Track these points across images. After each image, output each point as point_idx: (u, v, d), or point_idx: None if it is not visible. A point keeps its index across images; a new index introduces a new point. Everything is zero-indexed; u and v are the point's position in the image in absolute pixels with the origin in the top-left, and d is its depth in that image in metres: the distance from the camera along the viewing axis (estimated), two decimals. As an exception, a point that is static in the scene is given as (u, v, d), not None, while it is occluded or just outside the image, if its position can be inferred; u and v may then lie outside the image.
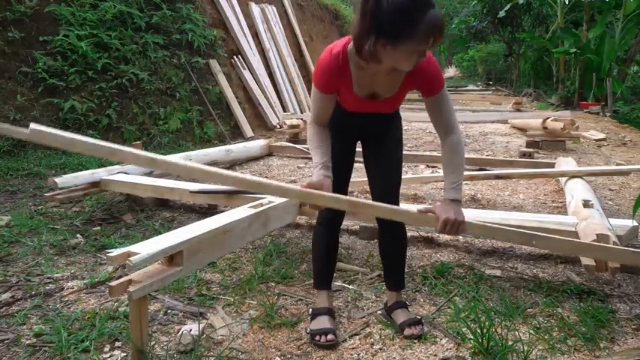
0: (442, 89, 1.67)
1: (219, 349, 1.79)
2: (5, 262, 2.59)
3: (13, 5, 5.42)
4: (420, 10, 1.41)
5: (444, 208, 1.63)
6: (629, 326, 1.97)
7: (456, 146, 1.69)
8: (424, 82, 1.67)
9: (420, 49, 1.47)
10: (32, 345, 1.83)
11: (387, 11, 1.41)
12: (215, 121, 6.85)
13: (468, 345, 1.80)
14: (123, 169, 3.61)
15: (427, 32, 1.43)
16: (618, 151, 6.04)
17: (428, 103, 1.71)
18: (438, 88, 1.67)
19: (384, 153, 1.92)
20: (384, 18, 1.42)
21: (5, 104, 5.14)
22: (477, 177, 4.01)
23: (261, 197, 2.78)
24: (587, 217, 2.40)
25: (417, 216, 1.62)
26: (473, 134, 7.21)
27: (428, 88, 1.67)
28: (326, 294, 2.01)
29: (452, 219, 1.59)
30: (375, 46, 1.46)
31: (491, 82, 21.44)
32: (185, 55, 6.77)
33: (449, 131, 1.70)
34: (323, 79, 1.70)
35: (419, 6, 1.42)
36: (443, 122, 1.70)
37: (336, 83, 1.70)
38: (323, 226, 2.02)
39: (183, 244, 1.82)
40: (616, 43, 11.78)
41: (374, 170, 1.96)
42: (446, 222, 1.59)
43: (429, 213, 1.64)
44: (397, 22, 1.41)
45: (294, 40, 10.13)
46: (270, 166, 5.22)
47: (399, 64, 1.51)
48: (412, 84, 1.71)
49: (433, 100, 1.68)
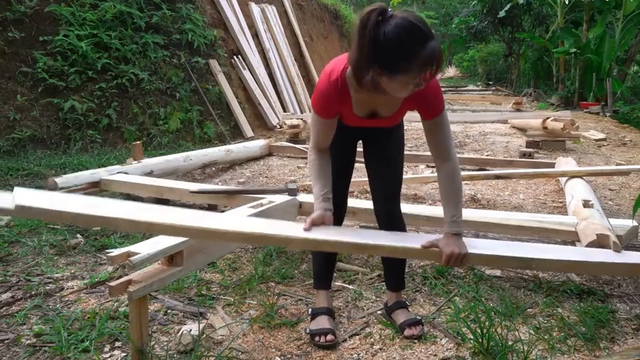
0: (441, 113, 1.64)
1: (219, 349, 1.79)
2: (5, 262, 2.59)
3: (13, 5, 5.43)
4: (417, 42, 1.38)
5: (447, 242, 1.61)
6: (629, 326, 1.97)
7: (453, 175, 1.66)
8: (423, 106, 1.64)
9: (416, 81, 1.44)
10: (32, 345, 1.83)
11: (384, 43, 1.38)
12: (215, 121, 6.85)
13: (468, 345, 1.81)
14: (123, 169, 3.61)
15: (423, 65, 1.40)
16: (618, 151, 6.04)
17: (425, 126, 1.68)
18: (437, 112, 1.63)
19: (386, 155, 1.91)
20: (381, 49, 1.39)
21: (5, 104, 5.14)
22: (477, 177, 4.01)
23: (261, 197, 2.78)
24: (587, 217, 2.40)
25: (421, 252, 1.63)
26: (473, 134, 7.21)
27: (427, 112, 1.64)
28: (326, 294, 2.01)
29: (455, 253, 1.58)
30: (373, 75, 1.45)
31: (491, 82, 21.43)
32: (185, 55, 6.78)
33: (445, 157, 1.67)
34: (323, 105, 1.68)
35: (416, 39, 1.38)
36: (439, 147, 1.67)
37: (336, 108, 1.69)
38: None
39: (183, 244, 1.82)
40: (616, 43, 11.79)
41: (375, 173, 1.96)
42: (450, 256, 1.58)
43: (433, 247, 1.62)
44: (394, 56, 1.39)
45: (294, 40, 10.13)
46: (270, 166, 5.22)
47: (395, 93, 1.50)
48: (412, 105, 1.69)
49: (431, 124, 1.65)
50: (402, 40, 1.37)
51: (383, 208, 1.96)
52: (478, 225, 2.59)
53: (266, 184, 4.39)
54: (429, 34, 1.40)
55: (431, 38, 1.39)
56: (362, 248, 1.70)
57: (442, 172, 1.68)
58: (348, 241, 1.62)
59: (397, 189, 1.95)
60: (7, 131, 5.02)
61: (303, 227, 1.63)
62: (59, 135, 5.33)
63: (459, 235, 1.63)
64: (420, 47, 1.38)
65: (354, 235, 1.70)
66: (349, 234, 1.70)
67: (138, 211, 1.63)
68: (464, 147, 6.25)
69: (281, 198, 2.77)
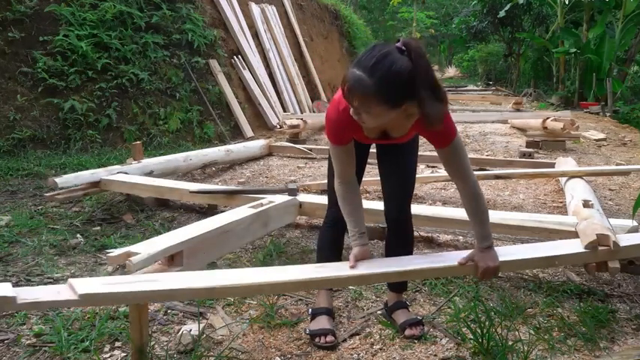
0: (452, 143, 1.61)
1: (219, 349, 1.79)
2: (5, 262, 2.59)
3: (13, 5, 5.42)
4: (348, 71, 1.42)
5: (481, 256, 1.67)
6: (629, 326, 1.97)
7: (475, 199, 1.68)
8: (432, 135, 1.62)
9: (353, 110, 1.47)
10: (32, 345, 1.83)
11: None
12: (215, 121, 6.86)
13: (468, 345, 1.81)
14: (123, 169, 3.61)
15: (347, 94, 1.43)
16: (618, 151, 6.04)
17: (439, 154, 1.68)
18: (448, 140, 1.61)
19: (399, 161, 1.91)
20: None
21: (5, 104, 5.14)
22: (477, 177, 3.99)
23: (261, 197, 2.78)
24: (587, 217, 2.40)
25: (459, 269, 1.72)
26: (473, 134, 7.21)
27: (437, 141, 1.63)
28: (327, 294, 2.01)
29: (491, 267, 1.65)
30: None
31: (491, 82, 21.43)
32: (185, 55, 6.77)
33: (463, 181, 1.68)
34: (335, 134, 1.70)
35: (350, 67, 1.42)
36: (456, 173, 1.68)
37: (348, 134, 1.70)
38: (329, 226, 2.02)
39: (183, 244, 1.82)
40: (616, 43, 11.79)
41: (388, 177, 1.96)
42: (485, 270, 1.66)
43: (469, 262, 1.69)
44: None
45: (294, 40, 10.13)
46: (270, 166, 5.22)
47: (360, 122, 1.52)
48: (421, 133, 1.69)
49: (444, 152, 1.65)
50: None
51: (393, 209, 1.96)
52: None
53: (266, 184, 4.40)
54: (354, 61, 1.43)
55: (355, 64, 1.41)
56: (408, 274, 1.79)
57: (464, 196, 1.70)
58: (395, 272, 1.69)
59: (408, 190, 1.95)
60: (7, 131, 5.02)
61: (349, 265, 1.68)
62: (59, 135, 5.33)
63: (491, 248, 1.69)
64: (347, 75, 1.42)
65: (397, 263, 1.76)
66: (392, 264, 1.76)
67: (198, 278, 1.64)
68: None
69: (281, 198, 2.77)
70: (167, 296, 1.60)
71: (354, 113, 1.48)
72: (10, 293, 1.34)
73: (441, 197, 3.84)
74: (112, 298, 1.43)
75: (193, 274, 1.68)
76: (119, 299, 1.44)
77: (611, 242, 1.92)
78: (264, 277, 1.59)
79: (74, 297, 1.36)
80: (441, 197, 3.86)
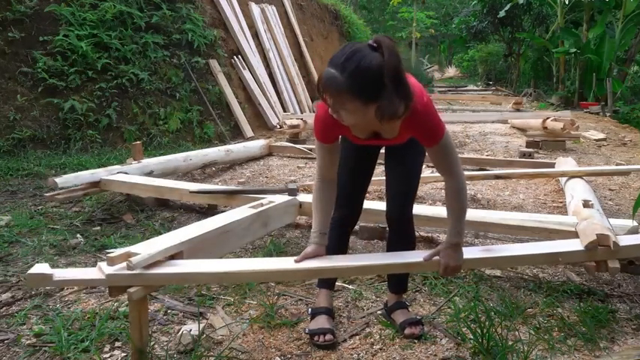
0: (440, 142, 1.61)
1: (219, 349, 1.80)
2: (5, 262, 2.59)
3: (13, 5, 5.42)
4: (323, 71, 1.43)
5: (445, 253, 1.70)
6: (629, 326, 1.97)
7: (457, 194, 1.68)
8: (420, 135, 1.64)
9: (331, 108, 1.48)
10: (32, 345, 1.83)
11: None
12: (215, 121, 6.85)
13: (468, 345, 1.81)
14: (123, 169, 3.61)
15: (321, 92, 1.44)
16: (618, 151, 6.04)
17: (428, 151, 1.68)
18: (436, 139, 1.61)
19: (404, 161, 1.91)
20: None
21: (5, 104, 5.14)
22: (477, 177, 4.01)
23: (261, 197, 2.78)
24: (587, 217, 2.40)
25: (424, 264, 1.75)
26: (473, 134, 7.21)
27: (425, 140, 1.64)
28: (327, 293, 2.01)
29: (451, 266, 1.69)
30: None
31: (491, 82, 21.41)
32: (185, 55, 6.77)
33: (449, 177, 1.68)
34: (321, 131, 1.71)
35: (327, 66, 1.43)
36: (444, 168, 1.68)
37: (334, 132, 1.71)
38: (333, 227, 2.01)
39: (183, 244, 1.82)
40: (616, 43, 11.78)
41: (391, 177, 1.96)
42: (446, 269, 1.70)
43: (435, 257, 1.71)
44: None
45: (294, 40, 10.12)
46: (270, 166, 5.22)
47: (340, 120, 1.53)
48: (410, 133, 1.68)
49: (432, 150, 1.65)
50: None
51: (395, 209, 1.95)
52: (478, 225, 2.59)
53: (266, 184, 4.40)
54: (330, 61, 1.43)
55: (330, 64, 1.41)
56: (368, 270, 1.83)
57: (448, 189, 1.71)
58: (343, 267, 1.75)
59: (411, 191, 1.95)
60: (7, 131, 5.02)
61: (294, 259, 1.74)
62: (59, 135, 5.33)
63: (458, 246, 1.70)
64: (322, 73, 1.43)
65: (360, 258, 1.80)
66: (354, 258, 1.81)
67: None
68: (464, 147, 6.25)
69: (281, 198, 2.77)
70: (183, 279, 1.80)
71: (332, 111, 1.49)
72: (49, 271, 1.60)
73: (441, 197, 3.84)
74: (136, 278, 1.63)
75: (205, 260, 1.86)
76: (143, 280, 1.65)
77: (611, 242, 1.92)
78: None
79: (102, 276, 1.60)
80: (441, 197, 3.86)
